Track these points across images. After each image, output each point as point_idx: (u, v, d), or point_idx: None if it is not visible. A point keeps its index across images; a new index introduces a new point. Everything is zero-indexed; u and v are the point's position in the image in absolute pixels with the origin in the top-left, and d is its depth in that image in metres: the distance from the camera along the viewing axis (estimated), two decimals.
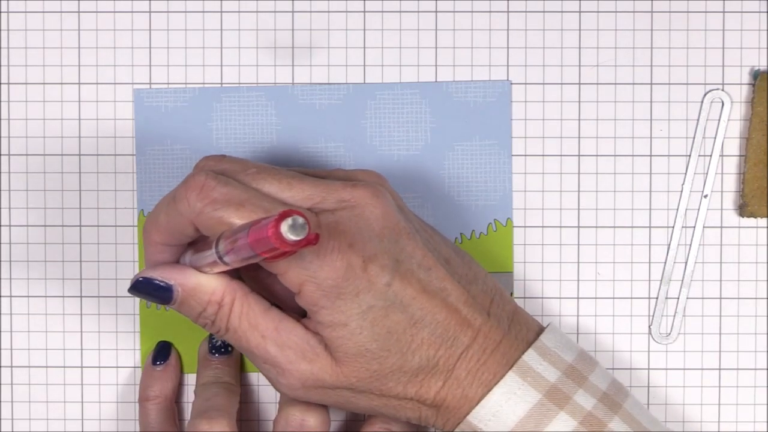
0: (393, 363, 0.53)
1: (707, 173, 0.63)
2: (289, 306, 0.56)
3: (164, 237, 0.55)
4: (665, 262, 0.63)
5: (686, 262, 0.63)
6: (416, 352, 0.53)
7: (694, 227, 0.63)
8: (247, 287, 0.54)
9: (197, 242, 0.55)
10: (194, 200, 0.52)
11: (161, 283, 0.54)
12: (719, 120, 0.63)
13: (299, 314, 0.55)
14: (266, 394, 0.64)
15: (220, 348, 0.62)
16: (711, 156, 0.63)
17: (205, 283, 0.54)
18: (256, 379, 0.63)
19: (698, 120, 0.63)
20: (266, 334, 0.54)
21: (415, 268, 0.53)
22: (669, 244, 0.63)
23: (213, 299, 0.54)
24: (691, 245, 0.63)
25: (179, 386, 0.63)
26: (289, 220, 0.45)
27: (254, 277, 0.57)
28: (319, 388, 0.54)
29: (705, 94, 0.63)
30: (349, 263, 0.52)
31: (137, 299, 0.63)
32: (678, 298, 0.63)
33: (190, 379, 0.63)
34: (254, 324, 0.54)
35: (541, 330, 0.56)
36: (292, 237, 0.45)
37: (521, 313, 0.57)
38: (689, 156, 0.63)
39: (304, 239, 0.45)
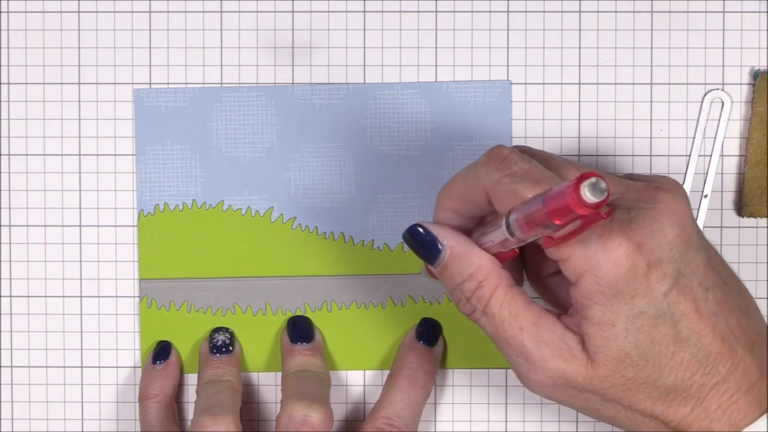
0: (648, 375, 0.52)
1: (707, 173, 0.63)
2: (561, 305, 0.56)
3: (455, 203, 0.54)
4: None
5: None
6: (673, 371, 0.51)
7: None
8: (513, 280, 0.54)
9: (486, 226, 0.54)
10: (494, 169, 0.52)
11: (434, 238, 0.54)
12: (719, 120, 0.63)
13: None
14: (266, 394, 0.63)
15: (221, 348, 0.62)
16: (711, 156, 0.63)
17: (474, 255, 0.53)
18: (257, 378, 0.63)
19: (698, 120, 0.63)
20: (525, 327, 0.53)
21: (695, 285, 0.51)
22: None
23: (475, 274, 0.53)
24: None
25: (179, 386, 0.63)
26: (592, 179, 0.44)
27: (534, 271, 0.57)
28: (568, 389, 0.53)
29: (705, 94, 0.63)
30: (633, 263, 0.50)
31: (137, 299, 0.63)
32: None
33: (190, 379, 0.63)
34: (515, 315, 0.53)
35: None
36: (590, 197, 0.44)
37: None
38: (689, 156, 0.63)
39: (601, 201, 0.44)
